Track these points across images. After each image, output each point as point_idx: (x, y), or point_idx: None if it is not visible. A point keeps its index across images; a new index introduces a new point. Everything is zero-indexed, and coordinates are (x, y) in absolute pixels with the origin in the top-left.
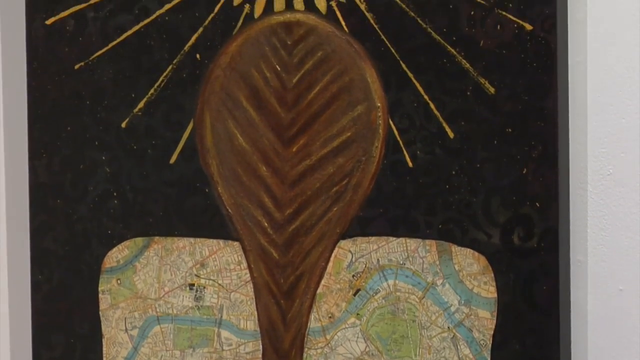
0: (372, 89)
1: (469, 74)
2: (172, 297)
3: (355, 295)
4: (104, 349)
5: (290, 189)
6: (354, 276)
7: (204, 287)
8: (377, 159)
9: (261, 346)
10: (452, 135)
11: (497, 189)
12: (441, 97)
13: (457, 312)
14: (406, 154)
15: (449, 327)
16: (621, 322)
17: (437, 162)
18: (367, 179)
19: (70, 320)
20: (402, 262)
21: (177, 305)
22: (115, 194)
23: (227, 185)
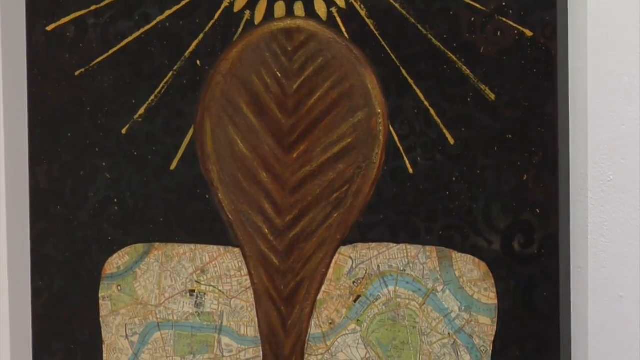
0: (372, 95)
1: (470, 80)
2: (173, 304)
3: (355, 301)
4: (105, 356)
5: (290, 195)
6: (354, 282)
7: (205, 294)
8: (378, 165)
9: (261, 352)
10: (452, 141)
11: (498, 195)
12: (441, 104)
13: (457, 319)
14: (406, 160)
15: (449, 334)
16: (621, 328)
17: (437, 169)
18: (368, 185)
19: (70, 326)
20: (402, 269)
21: (177, 311)
22: (115, 200)
23: (227, 191)
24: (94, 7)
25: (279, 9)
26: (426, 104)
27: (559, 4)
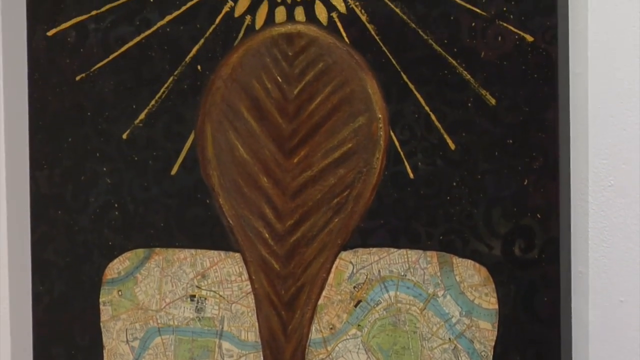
0: (373, 100)
1: (470, 85)
2: (173, 309)
3: (356, 306)
4: None
5: (291, 200)
6: (355, 287)
7: (205, 299)
8: (378, 170)
9: (262, 357)
10: (453, 146)
11: (498, 200)
12: (442, 109)
13: (458, 324)
14: (407, 165)
15: (450, 339)
16: (622, 333)
17: (438, 174)
18: (368, 190)
19: (71, 331)
20: (403, 274)
21: (178, 316)
22: (116, 205)
23: (228, 196)
24: (94, 12)
25: (280, 14)
26: (427, 109)
27: (559, 9)
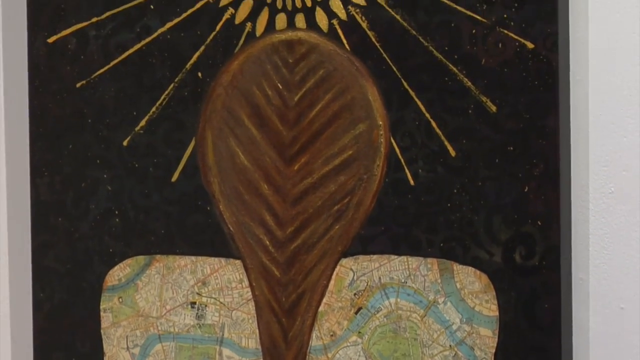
0: (373, 107)
1: (471, 92)
2: (174, 316)
3: (356, 313)
4: None
5: (291, 207)
6: (355, 294)
7: (206, 306)
8: (379, 177)
9: None
10: (453, 153)
11: (499, 207)
12: (443, 116)
13: (458, 331)
14: (408, 172)
15: (450, 346)
16: (623, 340)
17: (438, 181)
18: (369, 197)
19: (71, 338)
20: (403, 281)
21: (178, 323)
22: (116, 212)
23: (228, 203)
24: (95, 19)
25: (280, 21)
26: (427, 115)
27: (560, 16)
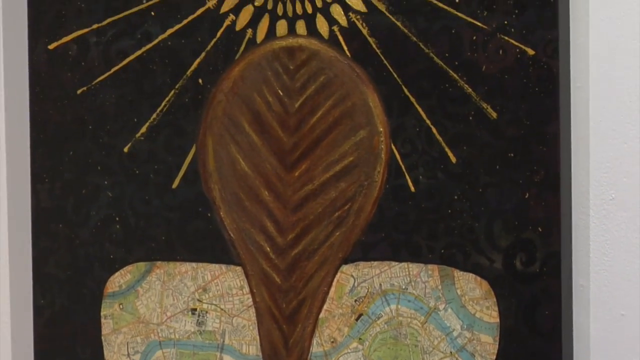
0: (374, 113)
1: (471, 99)
2: (175, 322)
3: (357, 320)
4: None
5: (292, 214)
6: (356, 301)
7: (206, 312)
8: (380, 184)
9: None
10: (454, 160)
11: (499, 213)
12: (443, 122)
13: (459, 337)
14: (408, 179)
15: (451, 352)
16: (623, 347)
17: (439, 187)
18: (370, 204)
19: (72, 345)
20: (404, 287)
21: (179, 330)
22: (117, 218)
23: (229, 209)
24: (96, 26)
25: (281, 28)
26: (428, 122)
27: (560, 23)
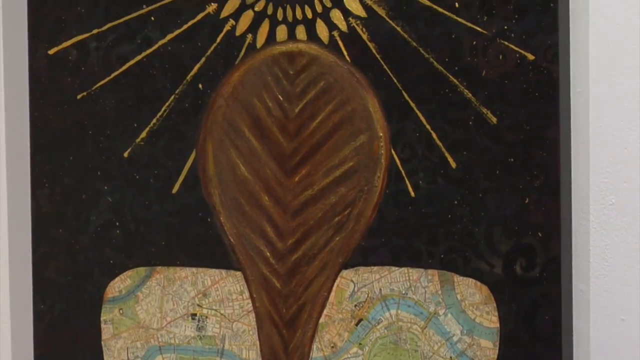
0: (374, 118)
1: (471, 104)
2: (175, 327)
3: (357, 325)
4: None
5: (292, 219)
6: (356, 306)
7: (206, 317)
8: (379, 189)
9: None
10: (454, 165)
11: (499, 218)
12: (443, 127)
13: (459, 342)
14: (408, 184)
15: (451, 357)
16: (623, 352)
17: (439, 192)
18: (370, 209)
19: (72, 350)
20: (404, 292)
21: (179, 335)
22: (117, 223)
23: (229, 215)
24: (96, 31)
25: (281, 33)
26: (428, 127)
27: (560, 28)
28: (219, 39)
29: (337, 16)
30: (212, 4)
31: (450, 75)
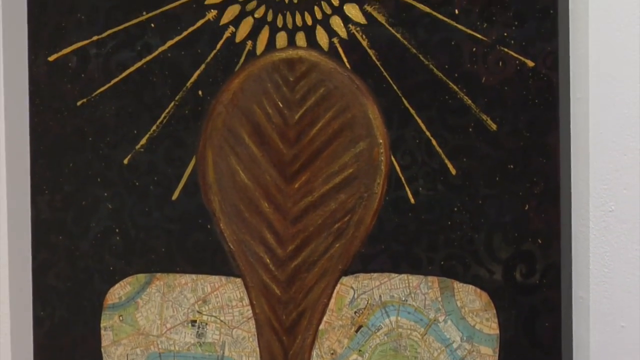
0: (374, 125)
1: (471, 111)
2: (174, 334)
3: (357, 331)
4: None
5: (292, 226)
6: (356, 313)
7: (206, 324)
8: (379, 196)
9: None
10: (454, 171)
11: (499, 225)
12: (443, 134)
13: (459, 349)
14: (408, 191)
15: None
16: (623, 358)
17: (439, 199)
18: (369, 216)
19: (72, 356)
20: (404, 299)
21: (179, 341)
22: (117, 230)
23: (229, 221)
24: (95, 38)
25: (281, 40)
26: (428, 134)
27: (560, 35)
28: (218, 46)
29: (337, 23)
30: (212, 10)
31: (450, 81)
